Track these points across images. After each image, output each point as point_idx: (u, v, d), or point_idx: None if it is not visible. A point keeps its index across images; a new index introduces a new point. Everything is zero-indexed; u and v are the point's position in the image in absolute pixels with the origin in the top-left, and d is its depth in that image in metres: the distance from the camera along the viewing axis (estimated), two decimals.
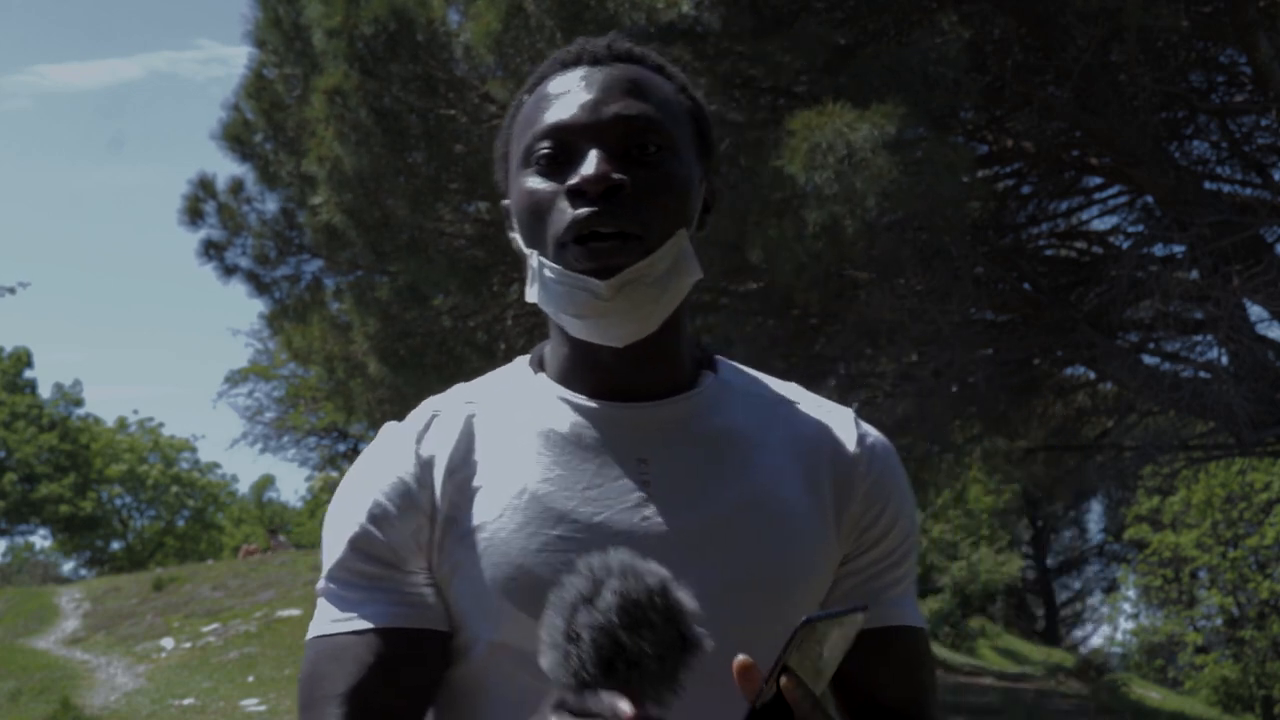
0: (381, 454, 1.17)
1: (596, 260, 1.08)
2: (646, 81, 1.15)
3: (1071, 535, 27.71)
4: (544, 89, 1.16)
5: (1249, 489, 15.99)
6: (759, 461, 1.16)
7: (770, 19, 6.33)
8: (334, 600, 1.13)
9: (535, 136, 1.13)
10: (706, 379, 1.20)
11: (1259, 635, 16.14)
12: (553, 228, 1.10)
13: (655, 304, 1.10)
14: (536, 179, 1.12)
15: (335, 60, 6.48)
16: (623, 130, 1.10)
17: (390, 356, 8.04)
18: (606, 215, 1.07)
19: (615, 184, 1.08)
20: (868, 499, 1.18)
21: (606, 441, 1.14)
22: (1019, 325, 7.94)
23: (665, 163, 1.11)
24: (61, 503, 31.04)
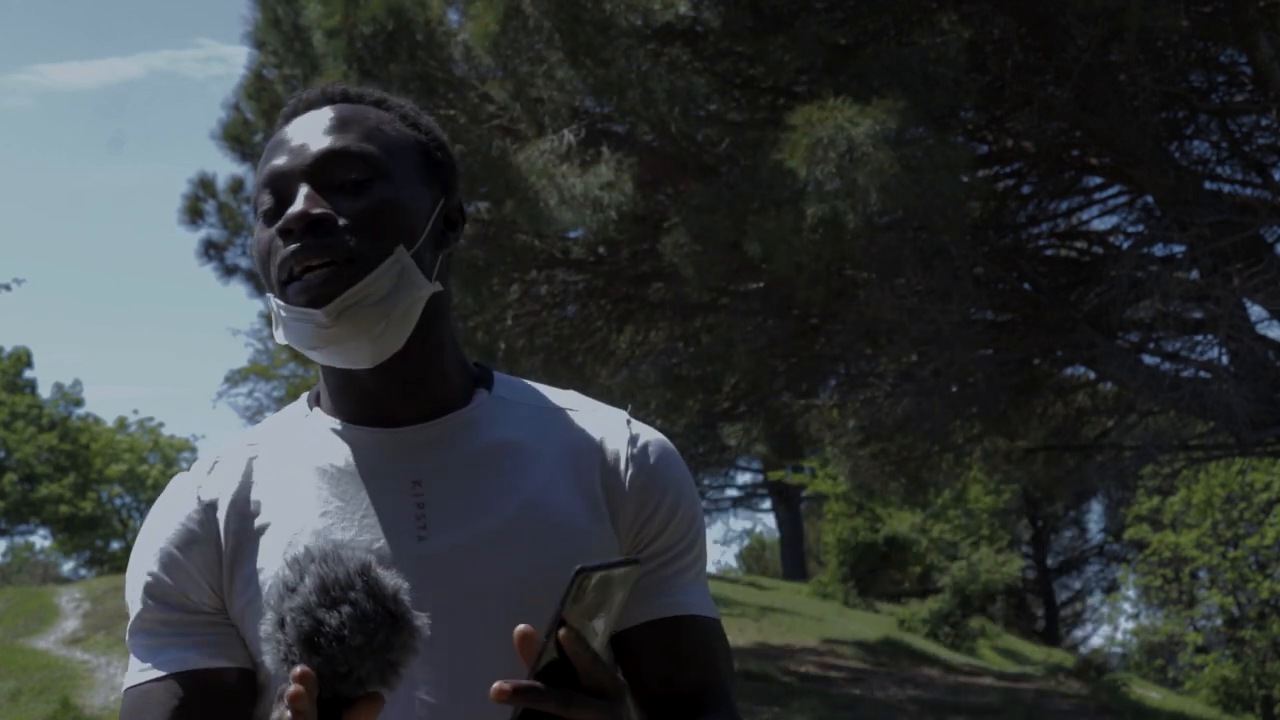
0: (168, 503, 1.20)
1: (309, 292, 1.10)
2: (353, 116, 1.19)
3: (1071, 535, 27.69)
4: (269, 143, 1.20)
5: (1249, 489, 15.99)
6: (532, 472, 1.18)
7: (770, 18, 6.33)
8: (137, 651, 1.17)
9: (257, 190, 1.18)
10: (479, 396, 1.22)
11: (1259, 635, 16.14)
12: (274, 272, 1.13)
13: (384, 322, 1.12)
14: (262, 227, 1.16)
15: (335, 60, 6.48)
16: (325, 165, 1.14)
17: None
18: (314, 249, 1.10)
19: (317, 218, 1.11)
20: (642, 495, 1.20)
21: (380, 468, 1.17)
22: (1019, 325, 7.94)
23: (374, 187, 1.14)
24: (61, 503, 31.02)
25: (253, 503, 1.18)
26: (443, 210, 1.22)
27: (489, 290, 7.76)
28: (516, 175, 6.46)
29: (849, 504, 17.82)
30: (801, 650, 13.47)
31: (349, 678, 0.93)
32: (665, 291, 8.27)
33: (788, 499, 23.27)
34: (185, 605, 1.16)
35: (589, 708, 0.94)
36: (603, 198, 6.10)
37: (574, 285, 8.50)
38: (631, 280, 8.41)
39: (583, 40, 5.82)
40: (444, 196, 1.22)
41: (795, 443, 13.71)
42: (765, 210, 5.96)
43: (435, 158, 1.23)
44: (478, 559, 1.13)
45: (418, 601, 0.95)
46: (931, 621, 15.98)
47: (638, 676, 1.21)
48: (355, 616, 0.92)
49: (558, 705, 0.92)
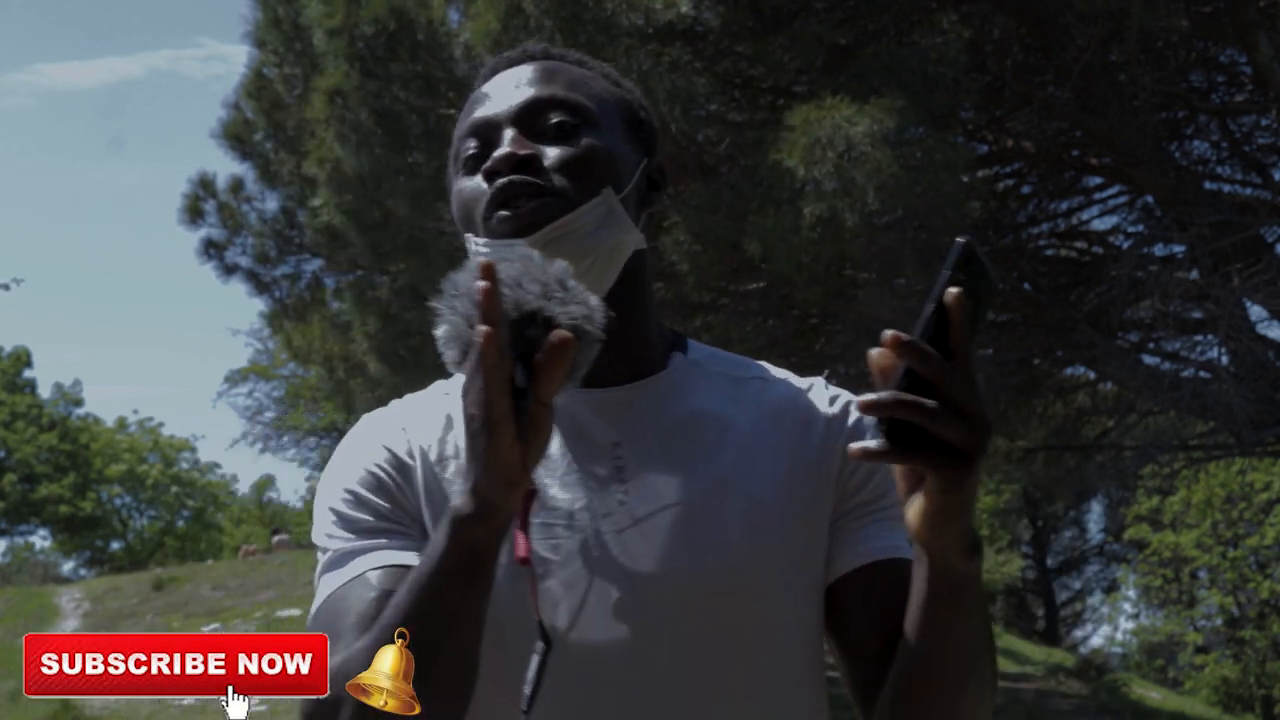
0: (368, 433, 1.19)
1: (517, 220, 1.09)
2: (558, 69, 1.18)
3: (1071, 535, 27.70)
4: (471, 97, 1.20)
5: (1249, 489, 15.99)
6: (730, 441, 1.16)
7: (770, 18, 6.33)
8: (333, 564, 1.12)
9: (460, 138, 1.17)
10: (675, 360, 1.21)
11: (1259, 635, 16.14)
12: (481, 213, 1.12)
13: (591, 257, 1.10)
14: (464, 178, 1.15)
15: (335, 60, 6.48)
16: (533, 111, 1.13)
17: (390, 356, 8.04)
18: (520, 185, 1.09)
19: (524, 157, 1.10)
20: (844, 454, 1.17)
21: (581, 427, 1.15)
22: (1019, 325, 7.94)
23: (581, 133, 1.13)
24: (61, 503, 31.03)
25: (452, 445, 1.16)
26: (645, 170, 1.20)
27: None
28: None
29: None
30: None
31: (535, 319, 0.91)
32: (665, 291, 8.27)
33: None
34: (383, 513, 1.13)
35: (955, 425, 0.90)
36: None
37: None
38: None
39: (583, 40, 5.82)
40: (647, 156, 1.21)
41: None
42: (765, 210, 5.96)
43: (639, 116, 1.22)
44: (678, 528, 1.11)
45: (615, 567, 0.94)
46: None
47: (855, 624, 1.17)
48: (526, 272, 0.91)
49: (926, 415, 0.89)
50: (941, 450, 0.91)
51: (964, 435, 0.90)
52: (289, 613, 15.12)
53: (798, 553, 1.16)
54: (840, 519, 1.19)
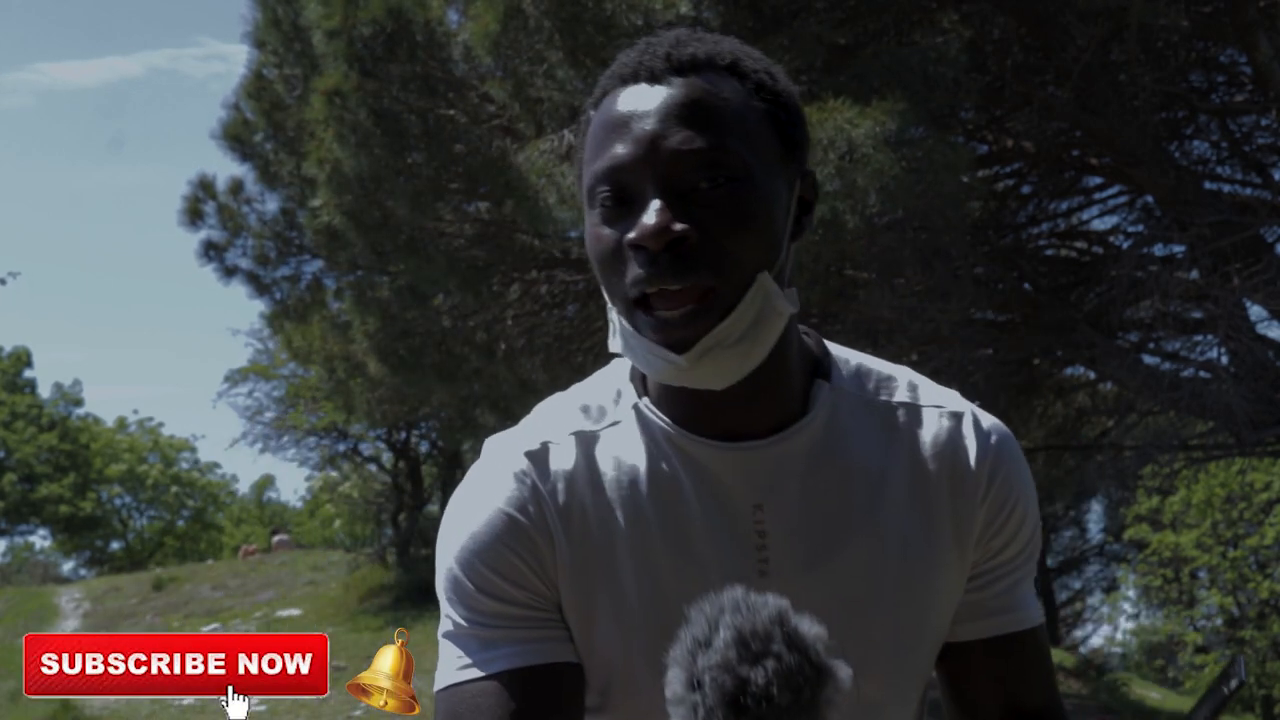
0: (491, 487, 1.10)
1: (667, 333, 0.99)
2: (708, 98, 1.02)
3: (1071, 535, 27.68)
4: (602, 113, 1.05)
5: (1249, 489, 15.97)
6: (884, 502, 1.09)
7: (770, 18, 6.33)
8: (459, 645, 1.07)
9: (595, 178, 1.03)
10: (820, 395, 1.10)
11: (1259, 635, 16.13)
12: (622, 283, 1.02)
13: (745, 358, 1.02)
14: (601, 224, 1.03)
15: (334, 61, 6.48)
16: (685, 166, 1.00)
17: (390, 356, 8.04)
18: (671, 272, 0.98)
19: (676, 236, 0.98)
20: (993, 505, 1.11)
21: (720, 488, 1.07)
22: (1019, 325, 7.94)
23: (737, 195, 1.00)
24: (61, 503, 31.03)
25: (586, 502, 1.08)
26: (799, 194, 1.08)
27: (489, 290, 7.76)
28: (516, 175, 6.46)
29: None
30: None
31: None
32: None
33: None
34: (514, 599, 1.06)
35: None
36: None
37: (574, 285, 8.50)
38: None
39: (583, 40, 5.82)
40: (799, 178, 1.09)
41: None
42: None
43: (791, 134, 1.08)
44: (820, 588, 1.05)
45: None
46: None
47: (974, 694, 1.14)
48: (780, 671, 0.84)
49: None
50: None
51: None
52: (289, 613, 15.12)
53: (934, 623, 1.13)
54: (976, 578, 1.14)
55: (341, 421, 18.22)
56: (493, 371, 8.14)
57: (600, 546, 1.07)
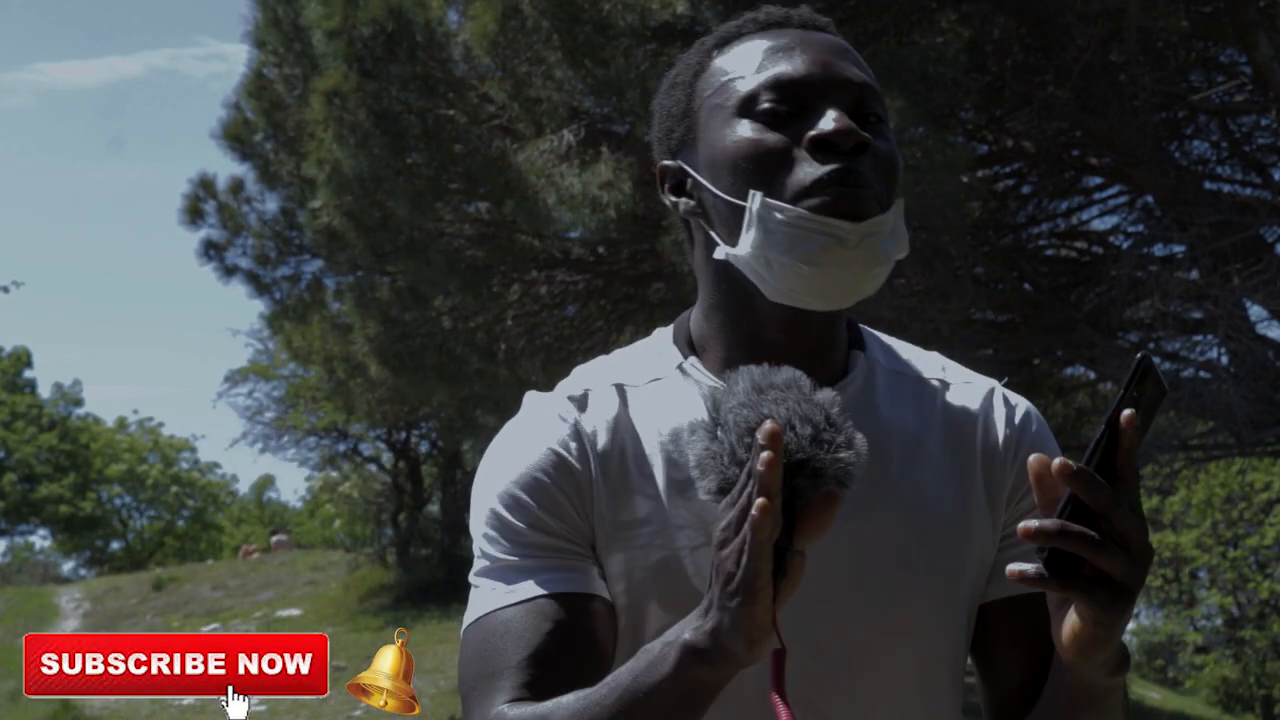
0: (535, 425, 1.13)
1: (849, 204, 1.04)
2: (855, 56, 1.14)
3: None
4: (748, 46, 1.12)
5: (1249, 489, 15.98)
6: (919, 465, 1.13)
7: None
8: (495, 577, 1.09)
9: (761, 86, 1.08)
10: (858, 362, 1.16)
11: (1259, 635, 16.13)
12: (792, 178, 1.05)
13: (882, 264, 1.07)
14: (762, 130, 1.08)
15: (334, 61, 6.48)
16: (854, 94, 1.09)
17: (390, 357, 8.04)
18: (855, 173, 1.05)
19: (863, 140, 1.06)
20: (1020, 474, 1.15)
21: None
22: (1019, 325, 7.94)
23: (886, 133, 1.11)
24: (61, 503, 31.03)
25: (625, 449, 1.11)
26: None
27: (489, 290, 7.76)
28: (516, 175, 6.46)
29: None
30: None
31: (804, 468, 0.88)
32: (665, 291, 8.27)
33: None
34: (552, 530, 1.09)
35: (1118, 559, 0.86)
36: (602, 197, 6.11)
37: (574, 285, 8.50)
38: (631, 280, 8.41)
39: (581, 40, 5.82)
40: None
41: None
42: None
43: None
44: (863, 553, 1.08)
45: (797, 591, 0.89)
46: None
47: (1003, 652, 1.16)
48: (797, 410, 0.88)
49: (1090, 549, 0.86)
50: (1101, 583, 0.89)
51: (1127, 569, 0.88)
52: (289, 613, 15.12)
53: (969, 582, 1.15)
54: (1006, 539, 1.17)
55: (341, 422, 18.23)
56: (493, 372, 8.13)
57: (637, 492, 1.09)
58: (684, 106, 1.15)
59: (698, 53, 1.16)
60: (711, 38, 1.16)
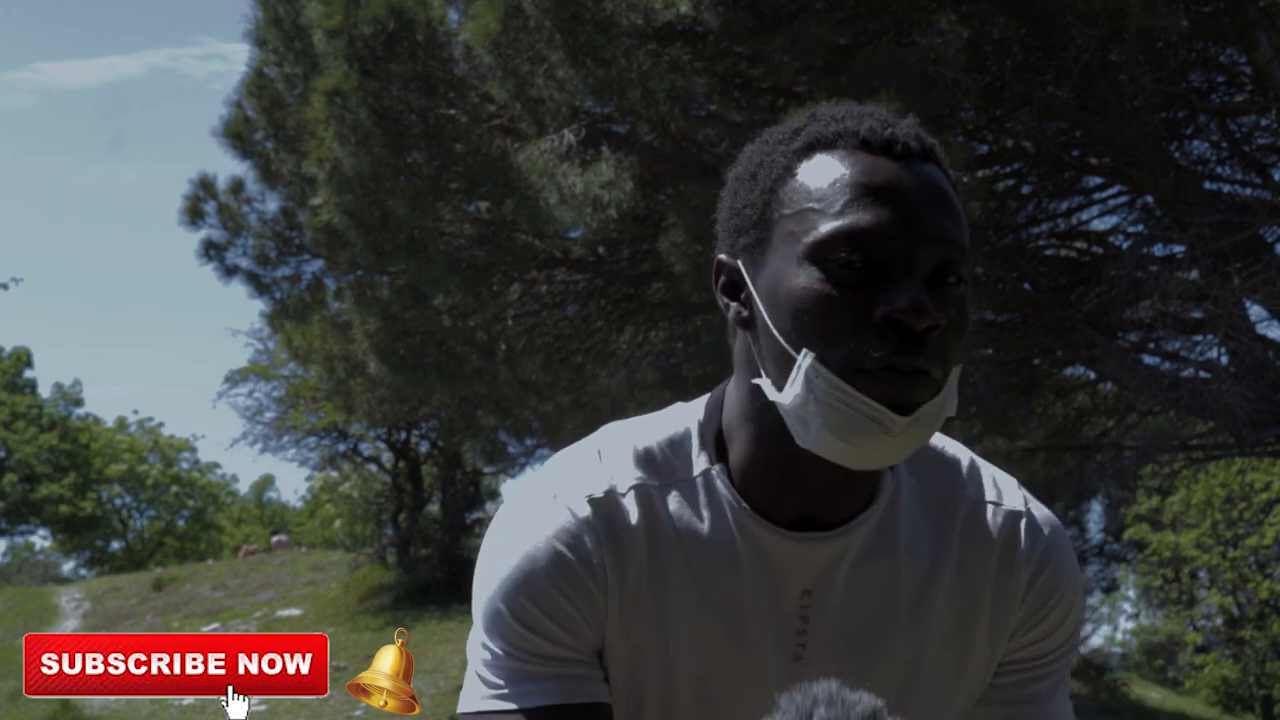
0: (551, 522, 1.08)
1: (902, 394, 0.98)
2: (955, 196, 1.04)
3: (1071, 535, 27.72)
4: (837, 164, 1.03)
5: (1249, 489, 15.98)
6: (930, 596, 1.10)
7: (769, 19, 6.33)
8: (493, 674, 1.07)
9: (837, 236, 1.00)
10: (885, 483, 1.11)
11: (1259, 635, 16.13)
12: (850, 347, 0.99)
13: (919, 441, 1.02)
14: (829, 284, 1.00)
15: (335, 60, 6.48)
16: (939, 255, 1.00)
17: (390, 356, 8.04)
18: (920, 354, 0.98)
19: (934, 324, 0.98)
20: (1034, 602, 1.12)
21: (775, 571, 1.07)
22: (1019, 325, 7.94)
23: (964, 297, 1.03)
24: (61, 503, 31.03)
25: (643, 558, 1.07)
26: None
27: (489, 290, 7.76)
28: (516, 175, 6.46)
29: None
30: None
31: None
32: (665, 291, 8.27)
33: None
34: (561, 641, 1.06)
35: None
36: (603, 197, 6.11)
37: (574, 285, 8.50)
38: (631, 280, 8.41)
39: (583, 40, 5.82)
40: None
41: None
42: None
43: None
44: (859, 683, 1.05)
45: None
46: None
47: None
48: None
49: None
50: None
51: None
52: (289, 613, 15.12)
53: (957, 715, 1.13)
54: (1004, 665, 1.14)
55: (341, 421, 18.22)
56: (493, 371, 8.14)
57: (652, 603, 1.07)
58: (760, 213, 1.07)
59: (785, 150, 1.08)
60: (803, 135, 1.07)
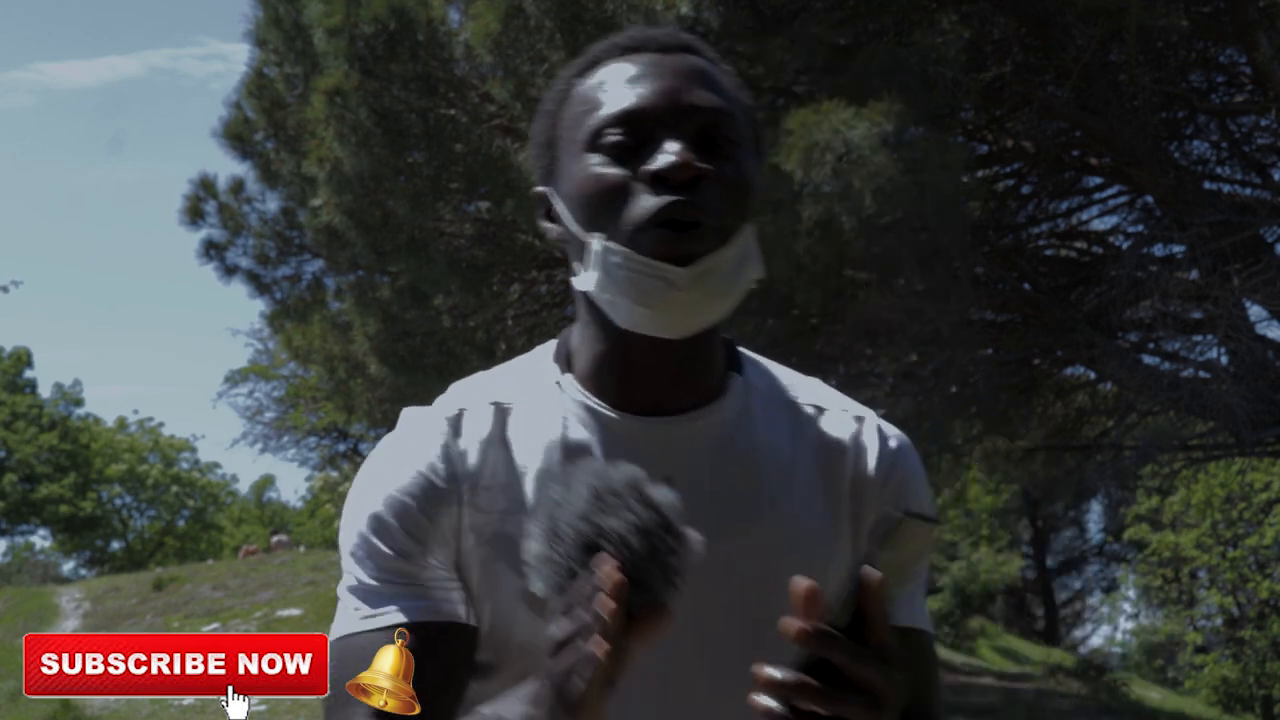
0: (406, 447, 1.14)
1: (677, 246, 1.04)
2: (716, 73, 1.12)
3: (1071, 535, 27.70)
4: (604, 73, 1.11)
5: (1249, 489, 15.98)
6: (789, 486, 1.14)
7: (770, 18, 6.33)
8: (358, 597, 1.12)
9: (605, 121, 1.08)
10: (734, 384, 1.16)
11: (1259, 635, 16.13)
12: (628, 214, 1.05)
13: (724, 297, 1.08)
14: (605, 164, 1.07)
15: (335, 60, 6.48)
16: (700, 120, 1.08)
17: (390, 356, 8.04)
18: (688, 204, 1.04)
19: (699, 172, 1.05)
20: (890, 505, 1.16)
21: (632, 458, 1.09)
22: (1019, 325, 7.94)
23: (737, 156, 1.09)
24: (61, 503, 31.02)
25: (495, 467, 1.12)
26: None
27: (489, 290, 7.76)
28: (516, 175, 6.47)
29: None
30: None
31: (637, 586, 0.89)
32: None
33: None
34: (416, 557, 1.10)
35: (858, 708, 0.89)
36: None
37: None
38: None
39: (583, 40, 5.81)
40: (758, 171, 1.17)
41: None
42: (763, 212, 5.97)
43: (759, 135, 1.18)
44: (724, 564, 1.09)
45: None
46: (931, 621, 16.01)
47: None
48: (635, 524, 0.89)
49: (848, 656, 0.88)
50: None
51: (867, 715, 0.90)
52: (289, 613, 15.12)
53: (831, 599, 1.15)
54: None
55: (341, 421, 18.23)
56: None
57: (507, 513, 1.11)
58: (548, 135, 1.15)
59: (564, 79, 1.16)
60: (576, 62, 1.16)
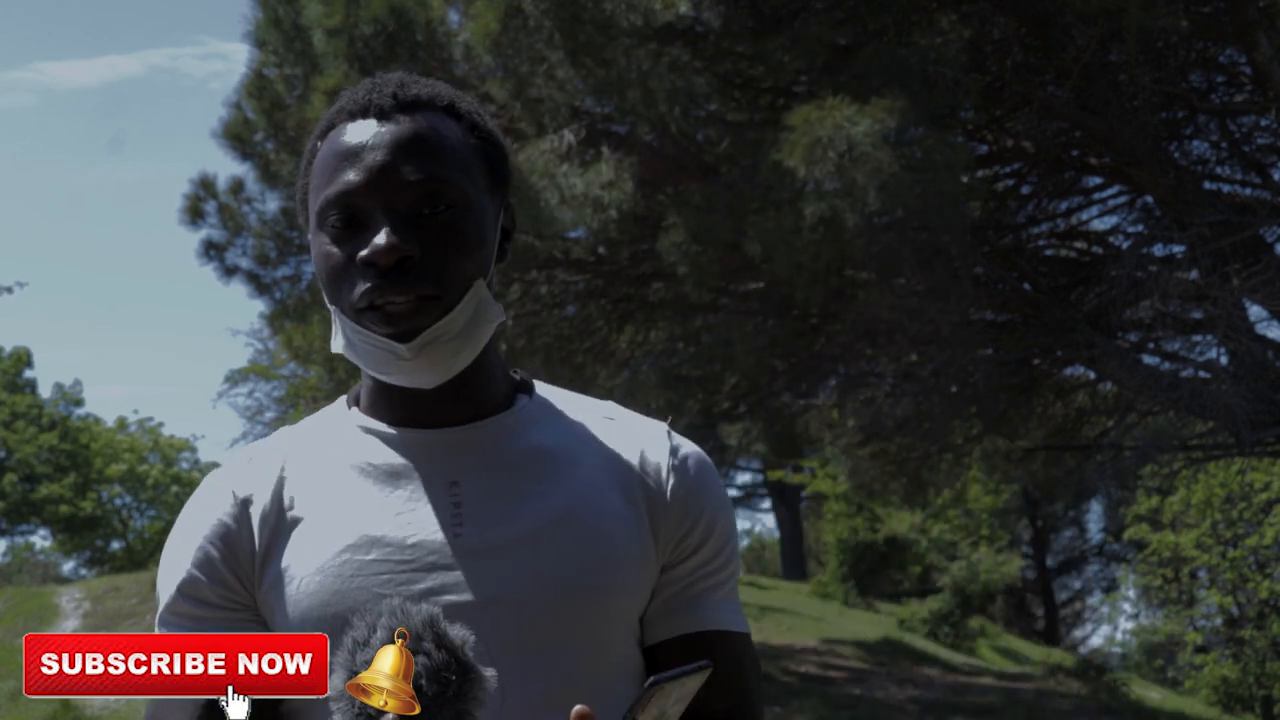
0: (204, 499, 1.21)
1: (394, 325, 1.11)
2: (432, 135, 1.15)
3: (1071, 535, 27.69)
4: (333, 141, 1.16)
5: (1249, 489, 15.97)
6: (572, 477, 1.18)
7: (770, 18, 6.33)
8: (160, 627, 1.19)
9: (326, 203, 1.14)
10: (520, 401, 1.22)
11: (1259, 635, 16.12)
12: (349, 295, 1.12)
13: (457, 355, 1.14)
14: (330, 244, 1.14)
15: (335, 60, 6.48)
16: (411, 194, 1.12)
17: None
18: (398, 285, 1.10)
19: (403, 256, 1.10)
20: (683, 507, 1.20)
21: (417, 467, 1.17)
22: (1019, 325, 7.94)
23: (457, 220, 1.13)
24: (61, 503, 31.01)
25: (287, 499, 1.18)
26: (503, 222, 1.22)
27: None
28: (517, 175, 6.46)
29: (849, 504, 17.83)
30: (801, 650, 13.47)
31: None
32: (665, 291, 8.27)
33: (787, 499, 23.27)
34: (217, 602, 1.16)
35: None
36: (603, 197, 6.11)
37: (574, 285, 8.50)
38: (631, 280, 8.41)
39: (583, 40, 5.82)
40: (504, 207, 1.22)
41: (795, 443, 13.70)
42: (764, 210, 5.97)
43: (499, 170, 1.22)
44: (515, 557, 1.13)
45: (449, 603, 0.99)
46: (931, 621, 15.99)
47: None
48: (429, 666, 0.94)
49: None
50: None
51: None
52: None
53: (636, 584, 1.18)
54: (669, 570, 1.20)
55: None
56: None
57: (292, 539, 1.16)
58: (303, 195, 1.21)
59: (314, 137, 1.20)
60: (323, 117, 1.20)
